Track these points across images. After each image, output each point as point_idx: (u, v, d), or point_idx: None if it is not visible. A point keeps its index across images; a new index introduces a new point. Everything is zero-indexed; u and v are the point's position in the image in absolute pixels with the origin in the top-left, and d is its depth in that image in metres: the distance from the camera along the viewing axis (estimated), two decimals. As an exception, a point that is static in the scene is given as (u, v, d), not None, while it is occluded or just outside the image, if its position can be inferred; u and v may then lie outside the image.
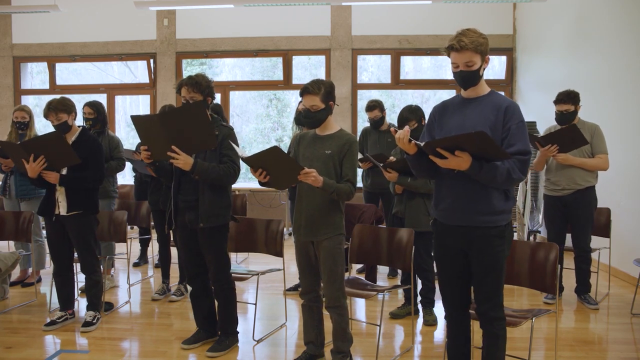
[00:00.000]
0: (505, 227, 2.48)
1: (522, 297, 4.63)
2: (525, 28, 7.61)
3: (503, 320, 2.52)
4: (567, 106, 4.20)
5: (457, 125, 2.48)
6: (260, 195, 7.95)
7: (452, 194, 2.49)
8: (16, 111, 4.84)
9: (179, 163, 3.12)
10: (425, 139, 2.62)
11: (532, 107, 7.17)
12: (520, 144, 2.37)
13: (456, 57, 2.40)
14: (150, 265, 5.84)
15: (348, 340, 3.09)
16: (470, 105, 2.49)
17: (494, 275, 2.47)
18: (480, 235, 2.44)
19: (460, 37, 2.36)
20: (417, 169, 2.60)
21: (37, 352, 3.48)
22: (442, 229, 2.57)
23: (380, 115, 5.18)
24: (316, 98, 2.92)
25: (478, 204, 2.43)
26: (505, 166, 2.31)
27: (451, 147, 2.27)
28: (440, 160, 2.32)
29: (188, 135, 3.08)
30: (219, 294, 3.46)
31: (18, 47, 8.56)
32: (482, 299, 2.50)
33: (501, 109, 2.41)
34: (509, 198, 2.48)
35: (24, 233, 4.47)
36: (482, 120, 2.42)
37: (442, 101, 2.67)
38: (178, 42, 8.28)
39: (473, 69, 2.41)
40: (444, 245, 2.58)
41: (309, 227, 2.99)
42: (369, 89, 8.71)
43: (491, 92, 2.52)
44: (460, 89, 2.54)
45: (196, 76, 3.28)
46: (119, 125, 9.41)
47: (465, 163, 2.28)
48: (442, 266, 2.62)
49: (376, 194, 5.24)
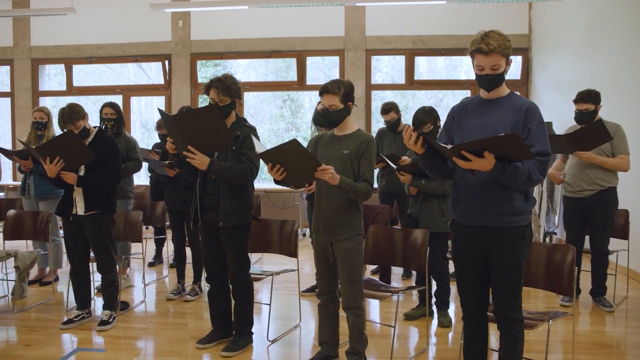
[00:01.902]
0: (525, 228, 2.46)
1: (538, 299, 4.59)
2: (541, 27, 7.54)
3: (521, 322, 2.50)
4: (587, 105, 4.13)
5: (476, 126, 2.47)
6: (275, 196, 7.97)
7: (471, 194, 2.47)
8: (35, 112, 4.92)
9: (195, 162, 3.14)
10: (443, 139, 2.60)
11: (548, 107, 7.10)
12: (540, 145, 2.35)
13: (482, 60, 2.37)
14: (165, 265, 5.88)
15: (364, 341, 3.09)
16: (490, 107, 2.48)
17: (515, 276, 2.45)
18: (500, 235, 2.43)
19: (488, 40, 2.34)
20: (428, 169, 2.59)
21: (55, 350, 3.53)
22: (461, 229, 2.55)
23: (397, 117, 5.16)
24: (335, 98, 2.91)
25: (498, 205, 2.41)
26: (526, 167, 2.30)
27: (478, 149, 2.25)
28: (463, 162, 2.29)
29: (203, 137, 3.10)
30: (237, 294, 3.48)
31: (36, 50, 8.68)
32: (501, 299, 2.48)
33: (521, 110, 2.40)
34: (529, 198, 2.47)
35: (41, 233, 4.53)
36: (502, 122, 2.41)
37: (460, 101, 2.66)
38: (193, 43, 8.34)
39: (498, 72, 2.40)
40: (463, 246, 2.56)
41: (328, 227, 2.98)
42: (383, 89, 8.69)
43: (511, 93, 2.50)
44: (480, 89, 2.52)
45: (225, 78, 3.28)
46: (134, 126, 9.50)
47: (489, 164, 2.26)
48: (460, 267, 2.61)
49: (391, 195, 5.23)
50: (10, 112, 8.93)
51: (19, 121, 8.73)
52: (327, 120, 2.99)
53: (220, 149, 3.21)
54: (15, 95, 8.78)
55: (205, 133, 3.08)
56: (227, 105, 3.32)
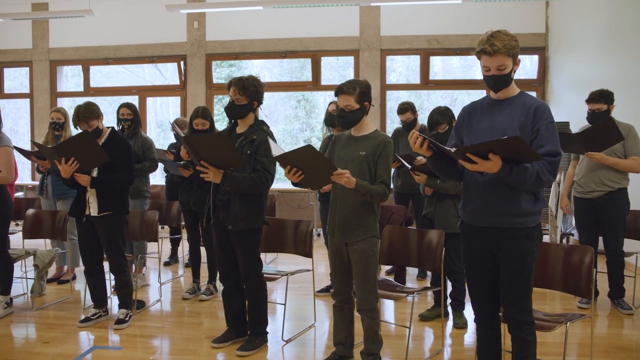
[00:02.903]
0: (534, 229, 2.44)
1: (555, 300, 4.54)
2: (558, 26, 7.46)
3: (532, 325, 2.47)
4: (599, 105, 4.10)
5: (486, 127, 2.45)
6: (289, 196, 7.99)
7: (480, 195, 2.46)
8: (52, 112, 4.99)
9: (209, 177, 3.18)
10: (453, 140, 2.60)
11: (565, 107, 7.03)
12: (550, 145, 2.33)
13: (488, 61, 2.36)
14: (181, 264, 5.92)
15: (379, 342, 3.08)
16: (499, 107, 2.46)
17: (523, 278, 2.43)
18: (509, 236, 2.41)
19: (492, 41, 2.32)
20: (438, 171, 2.58)
21: (72, 347, 3.57)
22: (470, 230, 2.54)
23: (413, 117, 5.14)
24: (350, 98, 2.90)
25: (506, 206, 2.40)
26: (535, 168, 2.27)
27: (483, 152, 2.24)
28: (469, 165, 2.29)
29: (215, 157, 3.15)
30: (249, 293, 3.49)
31: (54, 51, 8.80)
32: (510, 302, 2.45)
33: (530, 110, 2.38)
34: (539, 200, 2.44)
35: (59, 232, 4.59)
36: (512, 122, 2.39)
37: (471, 102, 2.64)
38: (208, 44, 8.39)
39: (505, 72, 2.38)
40: (472, 247, 2.55)
41: (343, 228, 2.98)
42: (397, 89, 8.67)
43: (521, 93, 2.48)
44: (490, 90, 2.50)
45: (246, 79, 3.29)
46: (149, 127, 9.59)
47: (496, 166, 2.24)
48: (470, 268, 2.59)
49: (406, 195, 5.21)
50: (29, 113, 9.07)
51: (37, 122, 8.86)
52: (343, 121, 2.97)
53: (233, 167, 3.23)
54: (34, 97, 8.91)
55: (216, 154, 3.14)
56: (243, 106, 3.32)
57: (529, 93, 2.53)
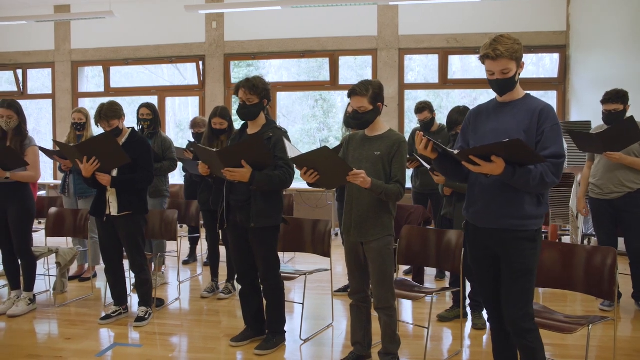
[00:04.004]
0: (536, 232, 2.44)
1: (575, 302, 4.47)
2: (580, 24, 7.34)
3: (536, 332, 2.45)
4: (615, 105, 4.06)
5: (491, 129, 2.47)
6: (307, 196, 7.99)
7: (483, 196, 2.47)
8: (74, 113, 5.06)
9: (235, 177, 3.19)
10: (460, 143, 2.62)
11: (586, 106, 6.92)
12: (554, 147, 2.33)
13: (492, 65, 2.38)
14: (199, 263, 5.97)
15: (397, 342, 3.07)
16: (504, 110, 2.47)
17: (524, 281, 2.41)
18: (510, 238, 2.41)
19: (496, 45, 2.33)
20: (443, 173, 2.62)
21: (94, 344, 3.62)
22: (474, 231, 2.55)
23: (430, 117, 5.11)
24: (364, 99, 2.91)
25: (509, 208, 2.40)
26: (539, 170, 2.27)
27: (485, 154, 2.25)
28: (473, 167, 2.30)
29: (247, 161, 3.17)
30: (267, 293, 3.50)
31: (76, 52, 8.94)
32: (511, 307, 2.43)
33: (535, 112, 2.38)
34: (542, 204, 2.44)
35: (81, 230, 4.66)
36: (517, 125, 2.40)
37: (477, 105, 2.66)
38: (226, 44, 8.44)
39: (509, 76, 2.39)
40: (477, 248, 2.57)
41: (359, 228, 2.98)
42: (416, 89, 8.62)
43: (526, 95, 2.49)
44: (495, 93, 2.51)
45: (253, 79, 3.33)
46: (168, 126, 9.68)
47: (499, 168, 2.25)
48: (478, 270, 2.60)
49: (425, 195, 5.18)
50: (51, 113, 9.22)
51: (59, 122, 9.00)
52: (357, 122, 3.00)
53: (264, 167, 3.24)
54: (56, 97, 9.06)
55: (250, 158, 3.15)
56: (255, 105, 3.35)
57: (540, 94, 2.51)
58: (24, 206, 4.12)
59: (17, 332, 3.87)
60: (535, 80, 7.92)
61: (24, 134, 4.10)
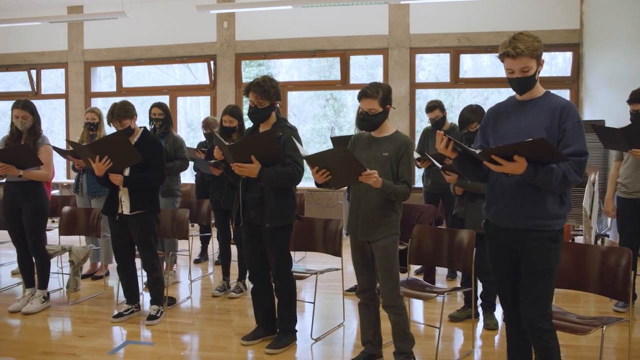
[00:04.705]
0: (558, 232, 2.40)
1: (589, 303, 4.42)
2: (594, 22, 7.26)
3: (553, 332, 2.43)
4: None
5: (511, 128, 2.43)
6: (318, 195, 7.99)
7: (504, 196, 2.44)
8: (87, 113, 5.11)
9: (244, 172, 3.21)
10: (479, 142, 2.59)
11: (600, 105, 6.85)
12: (577, 144, 2.29)
13: (511, 64, 2.34)
14: (211, 262, 5.99)
15: (409, 340, 3.07)
16: (524, 108, 2.44)
17: (544, 281, 2.38)
18: (532, 238, 2.38)
19: (515, 43, 2.30)
20: (463, 172, 2.58)
21: (106, 342, 3.66)
22: (495, 231, 2.52)
23: (441, 115, 5.09)
24: (374, 101, 2.93)
25: (532, 208, 2.37)
26: (561, 169, 2.24)
27: (508, 153, 2.22)
28: (494, 166, 2.27)
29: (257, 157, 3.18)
30: (279, 291, 3.51)
31: (89, 53, 9.01)
32: (529, 306, 2.41)
33: (557, 110, 2.34)
34: (565, 203, 2.40)
35: (93, 229, 4.70)
36: (538, 123, 2.36)
37: (496, 104, 2.62)
38: (237, 44, 8.46)
39: (529, 75, 2.35)
40: (497, 248, 2.54)
41: (366, 227, 3.00)
42: (427, 88, 8.58)
43: (546, 93, 2.45)
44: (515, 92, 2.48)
45: (263, 82, 3.31)
46: (179, 126, 9.73)
47: (521, 168, 2.22)
48: (497, 269, 2.58)
49: (436, 195, 5.16)
50: (64, 113, 9.30)
51: (72, 121, 9.08)
52: (367, 124, 3.01)
53: (274, 164, 3.25)
54: (69, 97, 9.14)
55: (260, 154, 3.17)
56: (266, 108, 3.35)
57: (554, 92, 2.48)
58: (38, 205, 4.16)
59: (31, 329, 3.91)
60: (548, 79, 7.83)
61: (38, 134, 4.14)
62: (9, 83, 10.52)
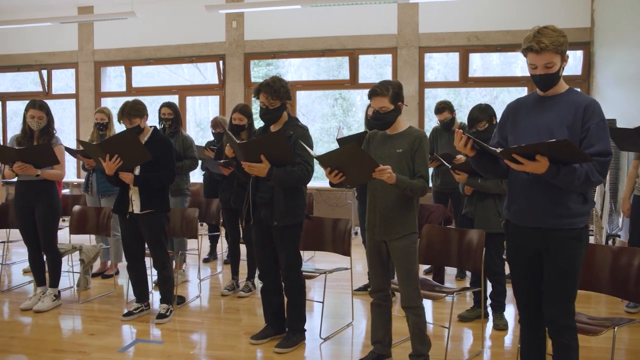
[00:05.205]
0: (582, 230, 2.35)
1: (600, 304, 4.40)
2: (605, 20, 7.20)
3: (574, 330, 2.39)
4: None
5: (531, 125, 2.37)
6: (327, 194, 7.99)
7: (525, 194, 2.38)
8: (96, 113, 5.13)
9: (253, 171, 3.22)
10: (497, 138, 2.53)
11: (611, 104, 6.78)
12: (601, 144, 2.23)
13: (535, 59, 2.27)
14: (220, 261, 6.01)
15: (427, 343, 3.04)
16: (546, 104, 2.37)
17: (569, 281, 2.34)
18: (556, 237, 2.33)
19: (540, 38, 2.22)
20: (481, 171, 2.53)
21: (116, 340, 3.68)
22: (515, 230, 2.47)
23: (450, 117, 5.07)
24: (385, 99, 2.90)
25: (554, 206, 2.31)
26: (584, 169, 2.19)
27: (529, 153, 2.17)
28: (515, 165, 2.22)
29: (267, 156, 3.18)
30: (289, 291, 3.52)
31: (99, 53, 9.07)
32: (552, 304, 2.37)
33: (580, 108, 2.28)
34: (588, 200, 2.35)
35: (103, 228, 4.72)
36: (559, 120, 2.30)
37: (516, 99, 2.56)
38: (246, 43, 8.48)
39: (553, 71, 2.28)
40: (517, 248, 2.48)
41: (383, 226, 2.97)
42: (436, 87, 8.56)
43: (570, 89, 2.37)
44: (537, 88, 2.42)
45: (272, 82, 3.30)
46: (188, 126, 9.77)
47: (543, 167, 2.17)
48: (515, 269, 2.52)
49: (445, 194, 5.14)
50: (75, 113, 9.37)
51: (82, 121, 9.15)
52: (379, 123, 2.99)
53: (285, 164, 3.25)
54: (79, 97, 9.21)
55: (270, 154, 3.17)
56: (277, 108, 3.35)
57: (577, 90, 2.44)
58: (51, 204, 4.20)
59: (42, 327, 3.94)
60: (558, 78, 7.78)
61: (51, 134, 4.18)
62: (20, 83, 10.62)
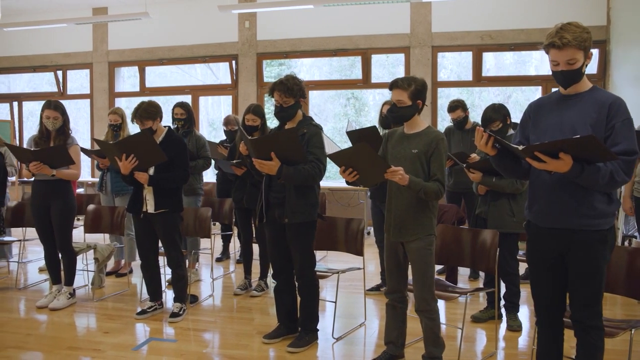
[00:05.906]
0: (607, 231, 2.29)
1: (616, 305, 4.34)
2: (622, 18, 7.11)
3: (601, 330, 2.34)
4: None
5: (554, 123, 2.32)
6: (339, 194, 7.99)
7: (548, 194, 2.33)
8: (109, 114, 5.16)
9: (264, 169, 3.23)
10: (518, 137, 2.49)
11: (628, 102, 6.65)
12: (626, 143, 2.17)
13: (557, 55, 2.22)
14: (232, 260, 6.03)
15: (440, 345, 3.02)
16: (569, 102, 2.32)
17: (595, 282, 2.29)
18: (580, 239, 2.27)
19: (562, 33, 2.18)
20: (502, 170, 2.48)
21: (130, 338, 3.71)
22: (537, 231, 2.41)
23: (463, 115, 5.04)
24: (404, 93, 2.87)
25: (578, 206, 2.26)
26: (609, 168, 2.13)
27: (552, 150, 2.11)
28: (537, 163, 2.17)
29: (279, 154, 3.19)
30: (302, 290, 3.51)
31: (113, 53, 9.15)
32: (579, 306, 2.33)
33: (604, 106, 2.22)
34: (613, 200, 2.29)
35: (117, 227, 4.77)
36: (583, 118, 2.24)
37: (538, 98, 2.52)
38: (259, 43, 8.50)
39: (575, 67, 2.23)
40: (539, 249, 2.42)
41: (399, 227, 2.95)
42: (449, 86, 8.52)
43: (593, 87, 2.33)
44: (559, 85, 2.37)
45: (286, 80, 3.31)
46: (201, 125, 9.81)
47: (566, 166, 2.11)
48: (535, 271, 2.47)
49: (459, 194, 5.11)
50: (89, 113, 9.46)
51: (97, 121, 9.24)
52: (393, 115, 2.96)
53: (297, 163, 3.25)
54: (94, 97, 9.30)
55: (281, 151, 3.17)
56: (291, 106, 3.36)
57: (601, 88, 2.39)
58: (66, 203, 4.25)
59: (58, 325, 3.99)
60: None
61: (67, 134, 4.22)
62: (36, 84, 10.74)
